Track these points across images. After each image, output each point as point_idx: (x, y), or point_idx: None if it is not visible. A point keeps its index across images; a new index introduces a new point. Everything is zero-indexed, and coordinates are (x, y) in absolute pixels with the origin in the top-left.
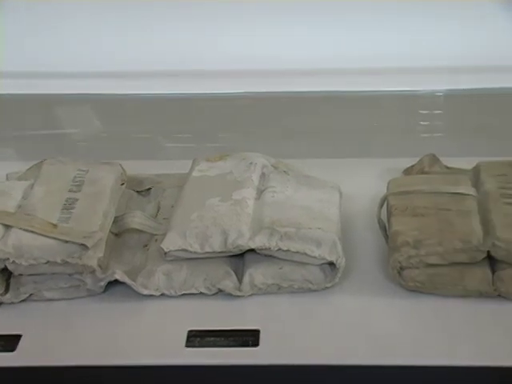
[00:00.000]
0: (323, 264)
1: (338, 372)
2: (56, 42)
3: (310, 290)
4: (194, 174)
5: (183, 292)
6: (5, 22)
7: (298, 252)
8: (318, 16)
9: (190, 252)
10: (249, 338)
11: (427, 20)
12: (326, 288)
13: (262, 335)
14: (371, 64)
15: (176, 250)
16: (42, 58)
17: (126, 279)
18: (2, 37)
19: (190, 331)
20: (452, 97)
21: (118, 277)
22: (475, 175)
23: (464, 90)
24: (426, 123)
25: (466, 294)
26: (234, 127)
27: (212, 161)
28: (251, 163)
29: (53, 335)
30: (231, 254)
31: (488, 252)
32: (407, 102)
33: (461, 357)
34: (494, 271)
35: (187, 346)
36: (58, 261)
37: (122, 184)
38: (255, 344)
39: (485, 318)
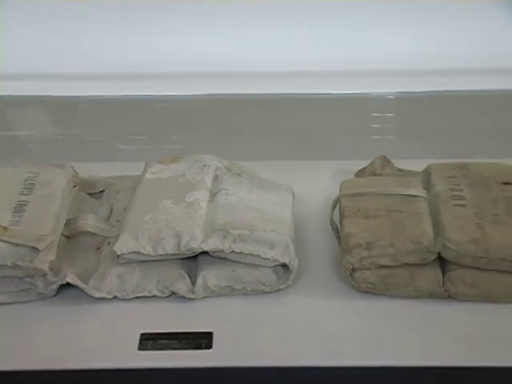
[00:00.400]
0: (276, 266)
1: (291, 373)
2: (7, 43)
3: (263, 292)
4: (147, 176)
5: (136, 295)
6: None
7: (251, 254)
8: (272, 18)
9: (143, 254)
10: (202, 340)
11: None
12: (279, 290)
13: (215, 337)
14: (324, 67)
15: (129, 253)
16: None
17: (78, 282)
18: None
19: (143, 334)
20: (403, 99)
21: (69, 280)
22: (426, 177)
23: (415, 92)
24: (377, 126)
25: (416, 295)
26: (187, 129)
27: (165, 163)
28: (204, 165)
29: (3, 339)
30: (184, 256)
31: (439, 253)
32: (359, 105)
33: (412, 357)
34: (444, 272)
35: (140, 349)
36: (9, 264)
37: (74, 186)
38: (208, 346)
39: (435, 318)
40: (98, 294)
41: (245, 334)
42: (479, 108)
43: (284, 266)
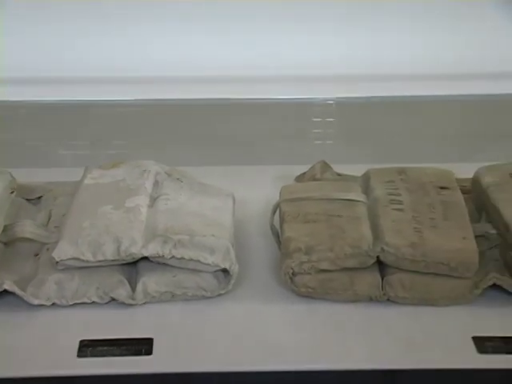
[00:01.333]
0: (217, 271)
1: (232, 378)
2: None
3: (204, 297)
4: (86, 181)
5: (75, 301)
6: None
7: (191, 259)
8: (210, 24)
9: (82, 261)
10: (142, 346)
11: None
12: (220, 295)
13: (155, 343)
14: (265, 72)
15: (68, 259)
16: None
17: (16, 289)
18: None
19: (82, 341)
20: (343, 105)
21: (6, 287)
22: (365, 182)
23: (355, 98)
24: (318, 130)
25: (356, 299)
26: (128, 135)
27: (105, 168)
28: (145, 171)
29: None
30: (124, 262)
31: (378, 257)
32: (300, 110)
33: (351, 360)
34: (383, 276)
35: (79, 356)
36: None
37: (12, 192)
38: (148, 352)
39: (374, 322)
40: (36, 301)
41: (185, 339)
42: (418, 113)
43: (224, 270)
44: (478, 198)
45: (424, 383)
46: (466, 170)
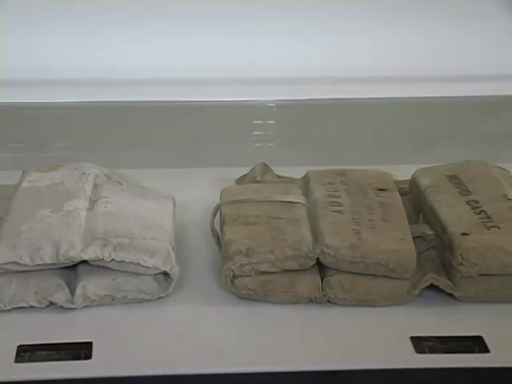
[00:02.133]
0: (157, 274)
1: (173, 381)
2: None
3: (144, 300)
4: (24, 184)
5: (13, 306)
6: None
7: (131, 262)
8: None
9: (20, 264)
10: (81, 350)
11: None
12: (160, 298)
13: (94, 347)
14: (206, 74)
15: (6, 263)
16: None
17: None
18: None
19: (20, 346)
20: (284, 107)
21: None
22: (305, 184)
23: (296, 100)
24: (259, 133)
25: (296, 301)
26: (67, 137)
27: (43, 171)
28: (84, 173)
29: None
30: (63, 265)
31: (317, 259)
32: (241, 112)
33: (292, 362)
34: (323, 277)
35: (16, 361)
36: None
37: None
38: (88, 357)
39: (314, 323)
40: None
41: (125, 343)
42: (357, 115)
43: (165, 273)
44: (415, 200)
45: (363, 383)
46: (404, 172)
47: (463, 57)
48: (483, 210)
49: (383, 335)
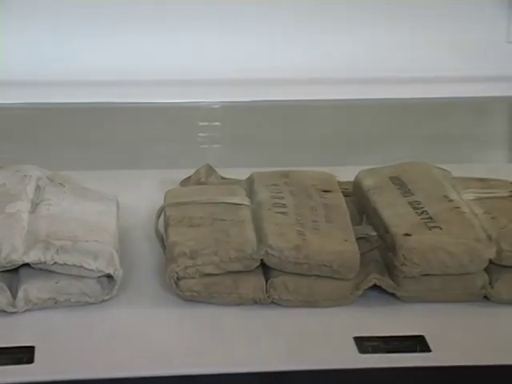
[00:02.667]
0: (101, 276)
1: None
2: None
3: (88, 303)
4: None
5: None
6: None
7: (74, 265)
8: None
9: None
10: (23, 355)
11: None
12: (104, 301)
13: (37, 351)
14: (152, 76)
15: None
16: None
17: None
18: None
19: None
20: (229, 108)
21: None
22: (249, 185)
23: (241, 102)
24: (204, 134)
25: (240, 302)
26: (8, 139)
27: None
28: (25, 175)
29: None
30: (4, 269)
31: (262, 260)
32: (186, 114)
33: (237, 364)
34: (267, 279)
35: None
36: None
37: None
38: (30, 361)
39: (259, 324)
40: None
41: (68, 346)
42: (301, 117)
43: (109, 276)
44: (359, 201)
45: None
46: (347, 174)
47: (408, 58)
48: (425, 211)
49: (327, 336)
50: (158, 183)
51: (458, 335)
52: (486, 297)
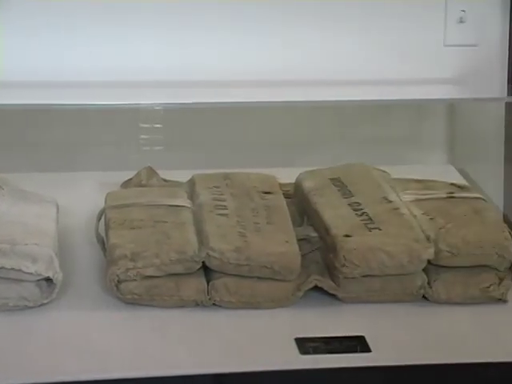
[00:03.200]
0: (40, 280)
1: None
2: None
3: (27, 307)
4: None
5: None
6: None
7: (13, 269)
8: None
9: None
10: None
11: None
12: (43, 304)
13: None
14: (93, 77)
15: None
16: None
17: None
18: None
19: None
20: (171, 111)
21: None
22: (191, 187)
23: (182, 104)
24: (146, 136)
25: (182, 304)
26: None
27: None
28: None
29: None
30: None
31: (203, 262)
32: (128, 116)
33: (179, 366)
34: (209, 281)
35: None
36: None
37: None
38: None
39: (200, 326)
40: None
41: (7, 351)
42: (242, 119)
43: (48, 279)
44: (299, 203)
45: None
46: (288, 175)
47: (346, 61)
48: (365, 212)
49: (268, 337)
50: (98, 185)
51: (397, 335)
52: (424, 297)
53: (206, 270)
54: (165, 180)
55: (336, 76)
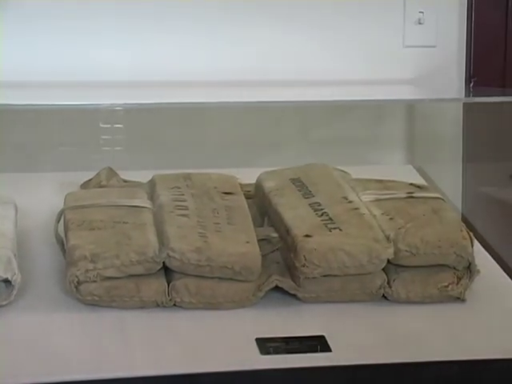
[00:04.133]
0: None
1: None
2: None
3: None
4: None
5: None
6: None
7: None
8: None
9: None
10: None
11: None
12: (1, 306)
13: None
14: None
15: None
16: None
17: None
18: None
19: None
20: (131, 111)
21: None
22: (151, 188)
23: (143, 104)
24: (106, 137)
25: (142, 305)
26: None
27: None
28: None
29: None
30: None
31: (164, 263)
32: (88, 116)
33: (138, 367)
34: (169, 281)
35: None
36: None
37: None
38: None
39: (161, 327)
40: None
41: None
42: (203, 119)
43: (6, 281)
44: (260, 203)
45: None
46: (248, 175)
47: (306, 61)
48: (325, 212)
49: (229, 337)
50: (57, 186)
51: (357, 334)
52: (384, 296)
53: (167, 271)
54: (125, 180)
55: (297, 77)
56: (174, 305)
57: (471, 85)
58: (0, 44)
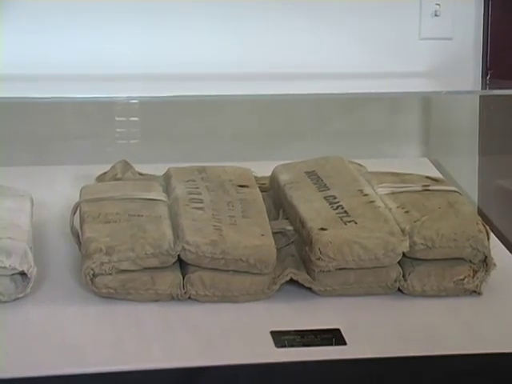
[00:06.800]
0: (14, 274)
1: None
2: None
3: (1, 302)
4: None
5: None
6: None
7: None
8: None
9: None
10: None
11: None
12: (18, 299)
13: None
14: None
15: None
16: None
17: None
18: None
19: None
20: (147, 104)
21: None
22: (166, 181)
23: (158, 97)
24: (122, 130)
25: (157, 298)
26: None
27: None
28: None
29: None
30: None
31: (179, 256)
32: (104, 109)
33: (154, 360)
34: (184, 274)
35: None
36: None
37: None
38: None
39: (176, 320)
40: None
41: None
42: (219, 112)
43: (22, 274)
44: (275, 196)
45: (224, 379)
46: (264, 168)
47: (323, 55)
48: (340, 205)
49: (244, 330)
50: (73, 179)
51: (372, 328)
52: (399, 289)
53: (182, 264)
54: (140, 173)
55: (312, 70)
56: (189, 298)
57: (488, 77)
58: (16, 37)
